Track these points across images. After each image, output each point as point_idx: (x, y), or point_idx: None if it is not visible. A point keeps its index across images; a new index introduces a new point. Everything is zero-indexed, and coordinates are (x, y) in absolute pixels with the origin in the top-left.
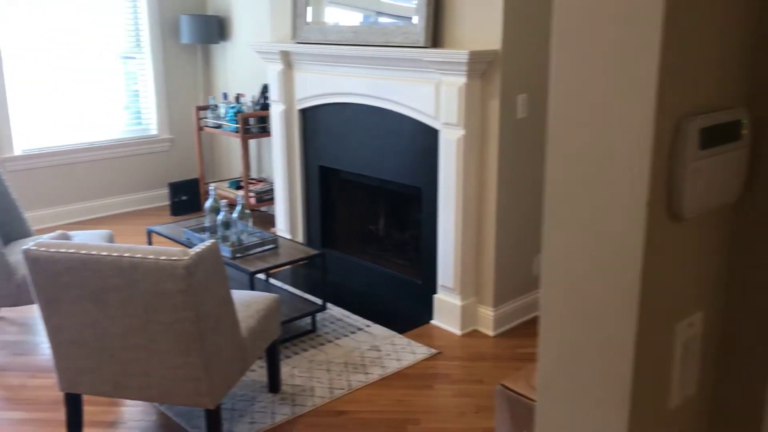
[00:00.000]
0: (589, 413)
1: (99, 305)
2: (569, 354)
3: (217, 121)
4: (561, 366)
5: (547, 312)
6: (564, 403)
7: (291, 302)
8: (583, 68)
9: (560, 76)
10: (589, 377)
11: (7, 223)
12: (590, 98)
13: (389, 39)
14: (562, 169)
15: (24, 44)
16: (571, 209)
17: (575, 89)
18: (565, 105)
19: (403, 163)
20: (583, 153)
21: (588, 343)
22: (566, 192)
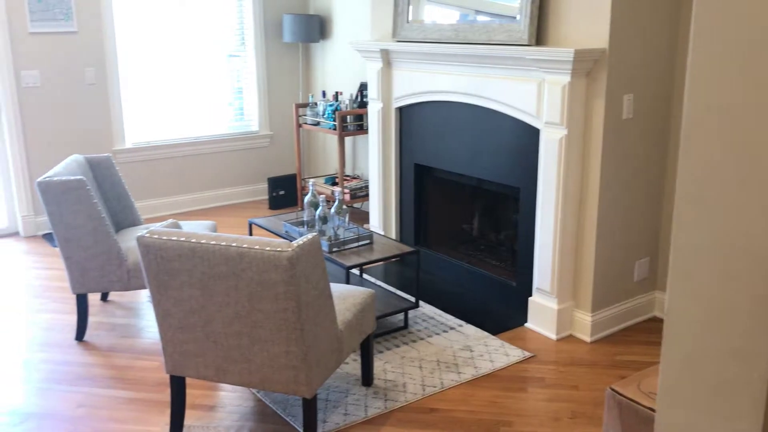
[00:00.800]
0: (716, 422)
1: (205, 292)
2: (696, 359)
3: (316, 118)
4: (686, 371)
5: (673, 315)
6: (688, 410)
7: (384, 298)
8: (722, 69)
9: (697, 76)
10: (717, 384)
11: (119, 211)
12: (730, 98)
13: (491, 37)
14: (696, 170)
15: (138, 43)
16: (704, 210)
17: (714, 89)
18: (702, 105)
19: (501, 163)
20: (721, 153)
21: (718, 348)
22: (699, 193)
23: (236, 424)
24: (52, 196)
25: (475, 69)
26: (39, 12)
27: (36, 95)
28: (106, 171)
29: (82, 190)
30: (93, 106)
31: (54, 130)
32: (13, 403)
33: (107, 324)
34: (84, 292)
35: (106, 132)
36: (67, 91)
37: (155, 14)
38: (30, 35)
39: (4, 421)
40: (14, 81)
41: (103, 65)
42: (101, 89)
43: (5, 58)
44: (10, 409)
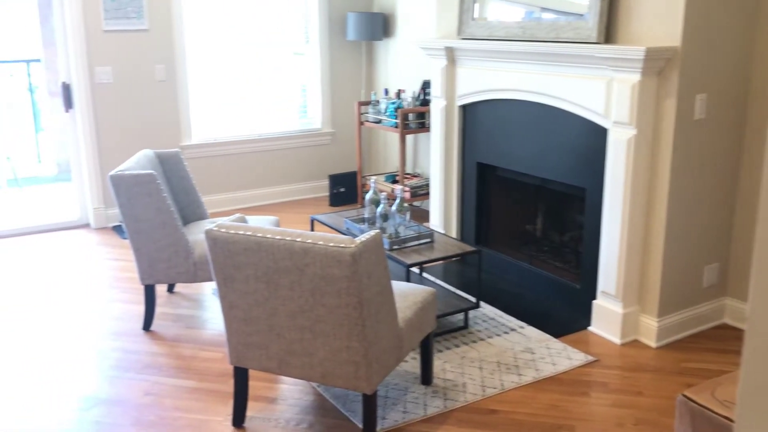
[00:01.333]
0: None
1: (270, 286)
2: None
3: (378, 116)
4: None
5: (756, 321)
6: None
7: (444, 297)
8: None
9: None
10: None
11: (187, 205)
12: None
13: (559, 35)
14: None
15: (206, 41)
16: None
17: None
18: None
19: (567, 163)
20: None
21: None
22: None
23: (296, 417)
24: (124, 189)
25: (541, 67)
26: (113, 10)
27: (108, 91)
28: (174, 166)
29: (153, 184)
30: (162, 102)
31: (124, 125)
32: (85, 389)
33: (173, 315)
34: (152, 283)
35: (173, 128)
36: (137, 87)
37: (223, 12)
38: (104, 33)
39: (77, 406)
40: (89, 77)
41: (172, 62)
42: (170, 86)
43: (81, 55)
44: (83, 395)
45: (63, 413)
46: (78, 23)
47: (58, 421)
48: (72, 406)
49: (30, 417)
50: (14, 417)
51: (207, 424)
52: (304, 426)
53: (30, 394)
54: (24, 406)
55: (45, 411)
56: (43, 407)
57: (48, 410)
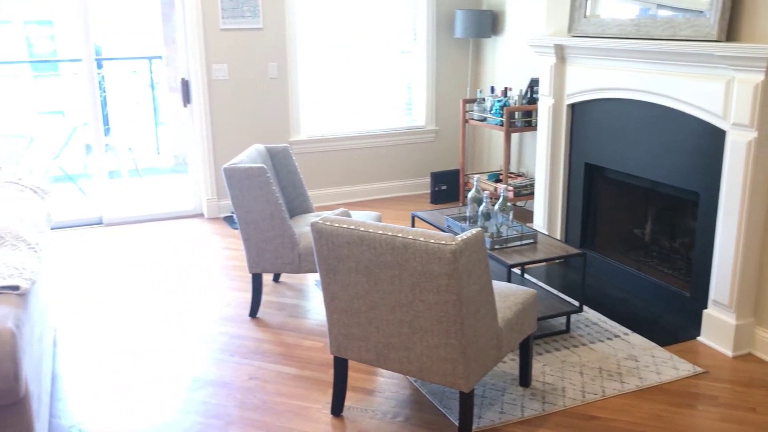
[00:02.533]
0: None
1: (371, 279)
2: None
3: (483, 114)
4: None
5: None
6: None
7: (546, 300)
8: None
9: None
10: None
11: (294, 198)
12: None
13: (675, 32)
14: None
15: (316, 40)
16: None
17: None
18: None
19: (680, 165)
20: None
21: None
22: None
23: (393, 410)
24: (236, 181)
25: (655, 66)
26: (230, 9)
27: (224, 87)
28: (283, 160)
29: (263, 177)
30: (273, 99)
31: (238, 120)
32: (195, 370)
33: (278, 303)
34: (259, 272)
35: (283, 124)
36: (251, 84)
37: (333, 11)
38: (221, 31)
39: (187, 385)
40: (206, 74)
41: (284, 60)
42: (282, 83)
43: (199, 52)
44: (193, 375)
45: (173, 392)
46: (197, 22)
47: (169, 398)
48: (182, 385)
49: (142, 394)
50: (128, 393)
51: (306, 411)
52: (400, 419)
53: (143, 372)
54: (137, 382)
55: (157, 389)
56: (155, 385)
57: (160, 388)
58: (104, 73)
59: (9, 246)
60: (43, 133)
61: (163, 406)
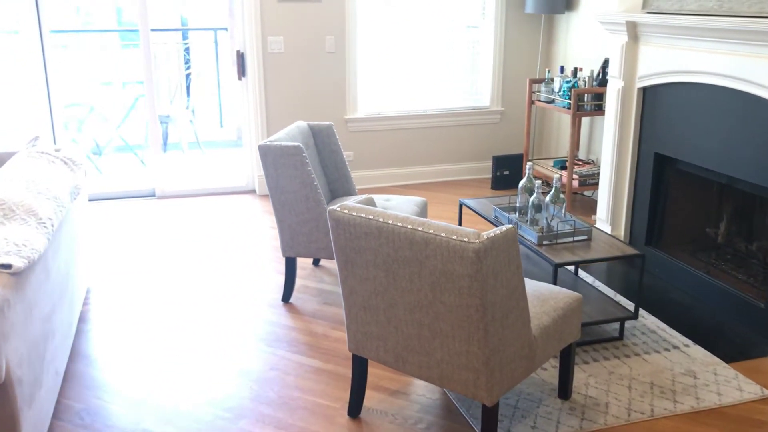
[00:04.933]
0: None
1: (389, 275)
2: None
3: (550, 96)
4: None
5: None
6: None
7: (599, 303)
8: None
9: None
10: None
11: (336, 179)
12: None
13: (764, 8)
14: None
15: (377, 13)
16: None
17: None
18: None
19: (762, 160)
20: None
21: None
22: None
23: (415, 414)
24: (271, 159)
25: (739, 47)
26: None
27: (279, 61)
28: (327, 139)
29: (298, 156)
30: (330, 74)
31: (292, 95)
32: (217, 356)
33: (314, 289)
34: (293, 255)
35: (340, 100)
36: (307, 58)
37: None
38: (278, 3)
39: (206, 371)
40: (261, 47)
41: (342, 34)
42: (339, 58)
43: (256, 24)
44: (212, 363)
45: (192, 378)
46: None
47: (186, 384)
48: (201, 371)
49: (158, 377)
50: (143, 375)
51: (323, 410)
52: (421, 426)
53: (165, 354)
54: (156, 365)
55: (175, 373)
56: (174, 368)
57: (178, 372)
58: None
59: (18, 220)
60: (110, 103)
61: (178, 393)
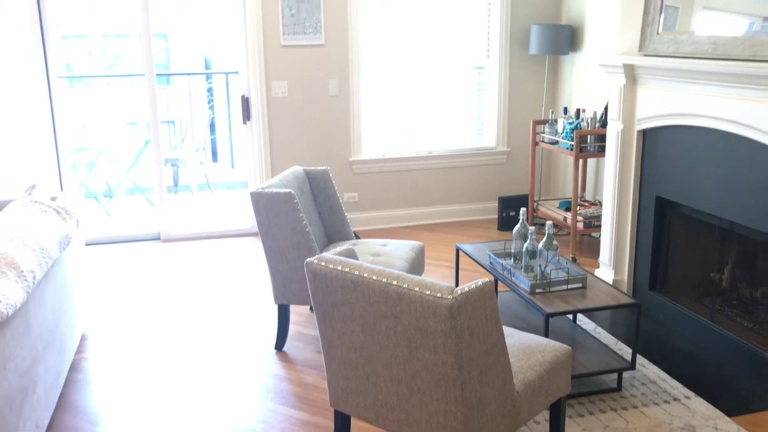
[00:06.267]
0: None
1: (366, 329)
2: None
3: (554, 137)
4: None
5: None
6: None
7: (596, 352)
8: None
9: None
10: None
11: (332, 224)
12: None
13: (757, 51)
14: None
15: (380, 55)
16: None
17: None
18: None
19: (762, 205)
20: None
21: None
22: None
23: None
24: (262, 206)
25: (736, 90)
26: (291, 26)
27: (283, 105)
28: (323, 183)
29: (290, 203)
30: (334, 117)
31: (297, 138)
32: (203, 406)
33: (308, 336)
34: (285, 303)
35: (344, 142)
36: (311, 101)
37: (400, 25)
38: (282, 48)
39: (191, 424)
40: (265, 91)
41: (346, 77)
42: (343, 101)
43: (259, 69)
44: (199, 413)
45: (173, 429)
46: (257, 38)
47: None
48: (185, 423)
49: (138, 427)
50: (126, 422)
51: None
52: None
53: (150, 401)
54: (140, 412)
55: (157, 423)
56: (157, 418)
57: (160, 423)
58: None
59: None
60: (124, 144)
61: None
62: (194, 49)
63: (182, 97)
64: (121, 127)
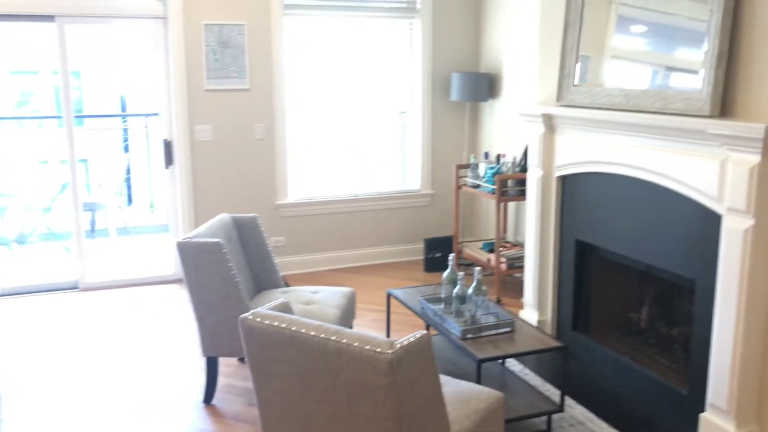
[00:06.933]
0: None
1: (304, 386)
2: None
3: (476, 180)
4: None
5: None
6: None
7: (525, 395)
8: None
9: None
10: None
11: (261, 272)
12: None
13: (666, 105)
14: None
15: (306, 99)
16: None
17: None
18: None
19: (674, 249)
20: None
21: None
22: None
23: None
24: (190, 257)
25: (647, 140)
26: (215, 70)
27: (207, 148)
28: (251, 231)
29: (219, 253)
30: (260, 160)
31: (222, 182)
32: None
33: (238, 388)
34: (214, 355)
35: (270, 186)
36: (236, 145)
37: (325, 70)
38: (206, 92)
39: None
40: (189, 134)
41: (271, 121)
42: (269, 144)
43: (183, 112)
44: None
45: None
46: (181, 82)
47: None
48: None
49: None
50: None
51: None
52: None
53: None
54: None
55: None
56: None
57: None
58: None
59: None
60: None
61: None
62: (109, 88)
63: (99, 138)
64: (33, 169)
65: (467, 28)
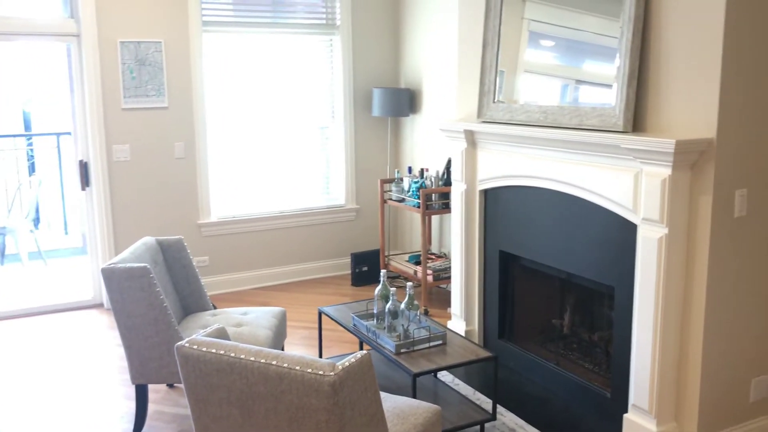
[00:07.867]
0: None
1: (244, 412)
2: None
3: (401, 194)
4: None
5: None
6: None
7: (458, 406)
8: None
9: None
10: None
11: (188, 294)
12: None
13: (583, 121)
14: None
15: (227, 117)
16: None
17: None
18: None
19: (594, 258)
20: None
21: None
22: None
23: None
24: (115, 283)
25: (565, 154)
26: (132, 89)
27: (126, 169)
28: (177, 253)
29: (146, 278)
30: (180, 179)
31: (141, 203)
32: None
33: (168, 415)
34: (144, 383)
35: (192, 205)
36: (155, 165)
37: (245, 88)
38: (123, 111)
39: None
40: (105, 155)
41: (192, 139)
42: (189, 163)
43: (99, 133)
44: None
45: None
46: (96, 101)
47: None
48: None
49: None
50: None
51: None
52: None
53: None
54: None
55: None
56: None
57: None
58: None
59: None
60: None
61: None
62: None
63: (5, 159)
64: None
65: (387, 45)
